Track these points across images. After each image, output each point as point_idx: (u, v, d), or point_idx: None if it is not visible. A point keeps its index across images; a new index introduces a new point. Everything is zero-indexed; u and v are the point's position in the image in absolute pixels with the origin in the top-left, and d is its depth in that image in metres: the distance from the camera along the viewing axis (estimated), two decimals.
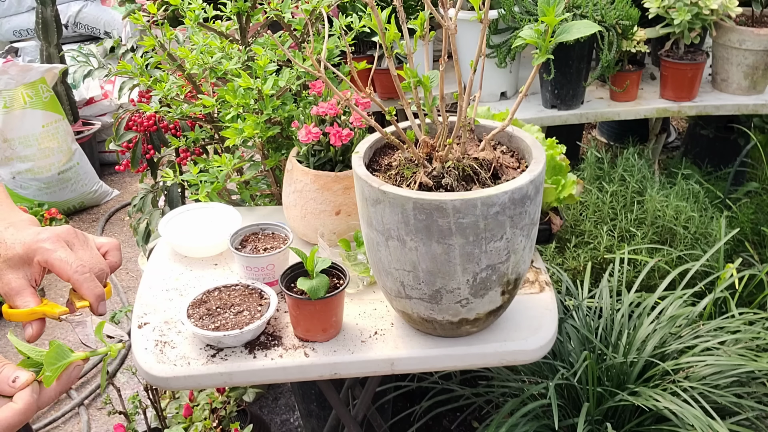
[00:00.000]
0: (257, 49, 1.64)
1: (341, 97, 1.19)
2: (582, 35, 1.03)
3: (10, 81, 3.34)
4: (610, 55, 2.36)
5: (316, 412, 2.04)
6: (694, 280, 1.91)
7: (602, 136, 3.80)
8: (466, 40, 2.29)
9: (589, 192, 2.36)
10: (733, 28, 2.46)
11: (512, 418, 1.56)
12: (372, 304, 1.37)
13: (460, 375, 1.96)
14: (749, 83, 2.55)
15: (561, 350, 1.73)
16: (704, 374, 1.61)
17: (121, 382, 2.46)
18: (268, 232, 1.49)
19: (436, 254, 1.10)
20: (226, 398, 1.98)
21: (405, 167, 1.19)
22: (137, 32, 3.43)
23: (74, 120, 3.79)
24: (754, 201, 2.59)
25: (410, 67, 1.17)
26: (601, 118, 2.61)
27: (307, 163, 1.51)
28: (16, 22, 4.25)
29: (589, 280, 1.96)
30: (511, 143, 1.27)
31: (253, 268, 1.39)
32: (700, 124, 3.28)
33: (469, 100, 1.17)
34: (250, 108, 1.60)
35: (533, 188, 1.11)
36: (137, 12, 1.72)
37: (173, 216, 1.60)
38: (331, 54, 1.79)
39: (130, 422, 1.88)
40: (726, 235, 2.01)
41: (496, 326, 1.29)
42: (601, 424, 1.59)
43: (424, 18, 1.19)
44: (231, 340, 1.26)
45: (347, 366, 1.25)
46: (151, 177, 2.25)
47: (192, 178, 1.68)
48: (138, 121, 2.16)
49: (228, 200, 1.89)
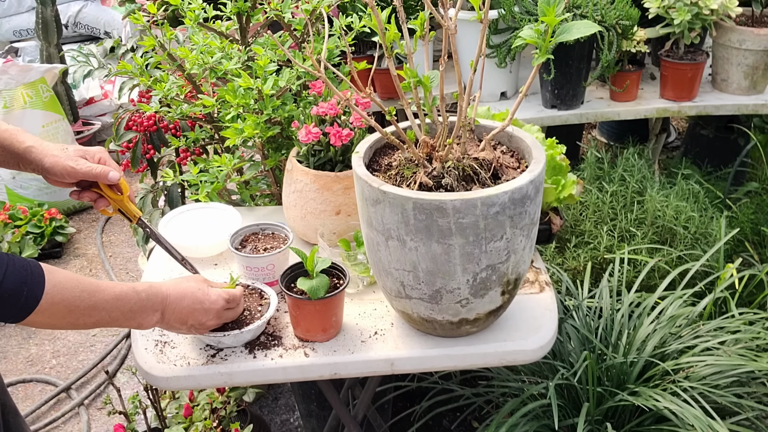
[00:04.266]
0: (257, 49, 1.64)
1: (341, 97, 1.19)
2: (582, 35, 1.03)
3: (10, 81, 3.34)
4: (610, 55, 2.36)
5: (316, 412, 2.04)
6: (694, 280, 1.91)
7: (602, 136, 3.80)
8: (466, 40, 2.29)
9: (589, 192, 2.36)
10: (733, 28, 2.46)
11: (512, 418, 1.56)
12: (372, 304, 1.37)
13: (460, 375, 1.96)
14: (749, 83, 2.55)
15: (561, 350, 1.73)
16: (704, 374, 1.61)
17: (121, 382, 2.46)
18: (268, 232, 1.49)
19: (436, 254, 1.10)
20: (226, 398, 1.98)
21: (405, 167, 1.19)
22: (137, 32, 3.43)
23: (74, 120, 3.79)
24: (754, 201, 2.59)
25: (410, 67, 1.17)
26: (601, 118, 2.61)
27: (307, 163, 1.51)
28: (16, 22, 4.25)
29: (589, 280, 1.96)
30: (511, 143, 1.27)
31: (253, 268, 1.39)
32: (700, 124, 3.28)
33: (469, 100, 1.17)
34: (250, 108, 1.60)
35: (533, 188, 1.11)
36: (137, 12, 1.72)
37: (173, 216, 1.60)
38: (331, 54, 1.79)
39: (130, 422, 1.88)
40: (726, 235, 2.01)
41: (496, 326, 1.29)
42: (601, 424, 1.59)
43: (424, 18, 1.19)
44: (231, 340, 1.26)
45: (347, 366, 1.25)
46: (151, 177, 2.25)
47: (192, 178, 1.68)
48: (138, 121, 2.16)
49: (228, 200, 1.89)
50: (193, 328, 1.22)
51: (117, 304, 1.11)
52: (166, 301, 1.17)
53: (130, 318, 1.13)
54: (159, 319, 1.17)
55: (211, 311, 1.21)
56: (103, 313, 1.09)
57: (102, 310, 1.09)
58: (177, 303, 1.18)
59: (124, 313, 1.12)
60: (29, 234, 3.16)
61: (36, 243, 3.16)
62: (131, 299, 1.13)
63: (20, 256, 1.05)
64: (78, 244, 3.36)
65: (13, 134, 1.26)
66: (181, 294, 1.19)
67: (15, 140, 1.26)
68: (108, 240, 3.39)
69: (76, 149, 1.29)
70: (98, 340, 2.72)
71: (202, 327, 1.22)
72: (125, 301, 1.12)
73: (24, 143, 1.26)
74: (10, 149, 1.26)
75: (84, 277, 1.09)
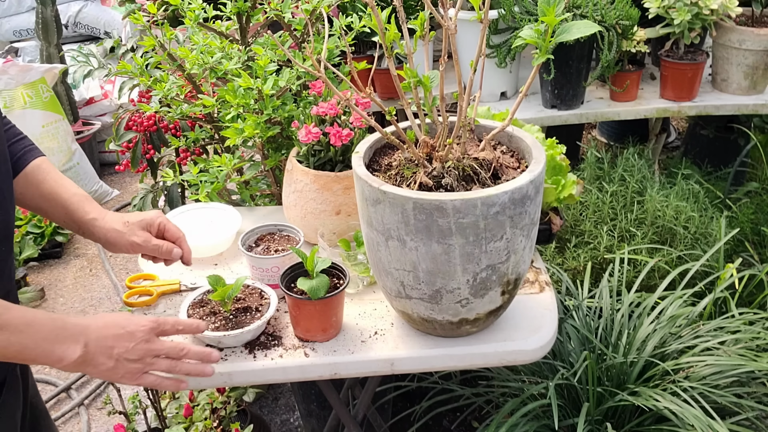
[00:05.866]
0: (257, 49, 1.64)
1: (341, 97, 1.19)
2: (582, 35, 1.03)
3: (10, 81, 3.34)
4: (610, 55, 2.36)
5: (316, 412, 2.04)
6: (694, 280, 1.91)
7: (602, 136, 3.80)
8: (466, 40, 2.29)
9: (589, 192, 2.36)
10: (733, 28, 2.46)
11: (512, 418, 1.56)
12: (372, 304, 1.37)
13: (460, 375, 1.96)
14: (749, 83, 2.55)
15: (561, 350, 1.73)
16: (704, 374, 1.61)
17: None
18: (285, 234, 1.49)
19: (436, 254, 1.10)
20: (226, 398, 1.98)
21: (405, 167, 1.19)
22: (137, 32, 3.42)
23: (74, 120, 3.79)
24: (754, 201, 2.59)
25: (410, 67, 1.17)
26: (601, 118, 2.61)
27: (307, 163, 1.51)
28: (16, 22, 4.25)
29: (589, 280, 1.96)
30: (511, 143, 1.27)
31: (258, 268, 1.39)
32: (700, 124, 3.28)
33: (469, 100, 1.17)
34: (250, 108, 1.60)
35: (533, 188, 1.11)
36: (137, 12, 1.72)
37: (173, 216, 1.60)
38: (331, 54, 1.79)
39: (130, 422, 1.88)
40: (726, 235, 2.01)
41: (496, 326, 1.29)
42: (601, 424, 1.59)
43: (424, 18, 1.19)
44: (231, 340, 1.26)
45: (347, 366, 1.25)
46: (151, 177, 2.25)
47: (192, 178, 1.68)
48: (138, 121, 2.16)
49: (228, 200, 1.89)
50: (120, 363, 1.08)
51: (28, 329, 0.99)
52: (88, 330, 1.05)
53: (47, 348, 1.01)
54: (82, 353, 1.04)
55: (136, 335, 1.09)
56: (10, 335, 0.98)
57: (10, 332, 0.98)
58: (99, 331, 1.07)
59: (36, 341, 1.00)
60: (29, 234, 3.16)
61: (36, 243, 3.16)
62: (46, 325, 1.01)
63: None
64: (78, 244, 3.36)
65: (80, 204, 1.27)
66: (102, 323, 1.08)
67: (81, 210, 1.26)
68: None
69: (137, 222, 1.29)
70: None
71: (129, 358, 1.09)
72: (39, 326, 1.01)
73: (88, 215, 1.26)
74: (74, 217, 1.26)
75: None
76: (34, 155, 1.25)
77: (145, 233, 1.29)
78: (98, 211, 1.28)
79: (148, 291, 1.41)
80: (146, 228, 1.30)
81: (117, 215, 1.30)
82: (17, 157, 1.23)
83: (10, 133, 1.24)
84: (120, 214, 1.30)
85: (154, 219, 1.32)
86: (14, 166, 1.21)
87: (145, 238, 1.29)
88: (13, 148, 1.23)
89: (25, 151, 1.24)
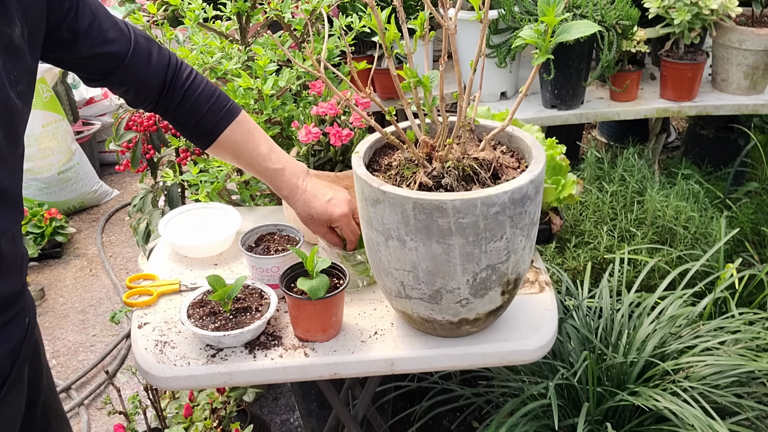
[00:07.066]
0: (257, 49, 1.64)
1: (341, 97, 1.19)
2: (582, 35, 1.03)
3: None
4: (610, 55, 2.36)
5: (316, 412, 2.04)
6: (694, 280, 1.91)
7: (602, 136, 3.80)
8: (466, 40, 2.29)
9: (589, 192, 2.36)
10: (733, 28, 2.46)
11: (512, 418, 1.56)
12: (372, 304, 1.37)
13: (460, 375, 1.96)
14: (749, 83, 2.56)
15: (561, 350, 1.73)
16: (704, 374, 1.61)
17: (121, 382, 2.46)
18: (285, 234, 1.49)
19: (436, 254, 1.10)
20: (226, 398, 1.97)
21: (405, 167, 1.19)
22: None
23: (74, 120, 3.78)
24: (754, 201, 2.59)
25: (410, 67, 1.17)
26: (601, 118, 2.61)
27: (307, 163, 1.51)
28: None
29: (589, 280, 1.96)
30: (511, 143, 1.27)
31: (258, 268, 1.39)
32: (700, 124, 3.28)
33: (469, 100, 1.17)
34: (250, 108, 1.60)
35: (533, 188, 1.11)
36: (137, 12, 1.72)
37: (173, 216, 1.60)
38: (331, 54, 1.79)
39: (130, 422, 1.88)
40: (726, 235, 2.01)
41: (496, 326, 1.29)
42: (601, 424, 1.59)
43: (424, 18, 1.19)
44: (231, 340, 1.26)
45: (347, 366, 1.25)
46: (151, 177, 2.25)
47: (192, 178, 1.68)
48: (138, 121, 2.16)
49: (228, 200, 1.89)
50: None
51: None
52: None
53: None
54: None
55: None
56: None
57: None
58: None
59: None
60: (29, 234, 3.16)
61: (36, 243, 3.16)
62: None
63: None
64: (78, 244, 3.36)
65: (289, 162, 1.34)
66: None
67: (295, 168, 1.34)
68: (108, 240, 3.39)
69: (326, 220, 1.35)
70: (98, 340, 2.72)
71: None
72: None
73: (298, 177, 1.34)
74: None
75: None
76: (238, 109, 1.32)
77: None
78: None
79: (148, 291, 1.41)
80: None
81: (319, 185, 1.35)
82: (227, 108, 1.29)
83: (207, 91, 1.28)
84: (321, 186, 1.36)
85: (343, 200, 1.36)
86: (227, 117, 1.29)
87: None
88: (218, 104, 1.28)
89: (231, 105, 1.30)
